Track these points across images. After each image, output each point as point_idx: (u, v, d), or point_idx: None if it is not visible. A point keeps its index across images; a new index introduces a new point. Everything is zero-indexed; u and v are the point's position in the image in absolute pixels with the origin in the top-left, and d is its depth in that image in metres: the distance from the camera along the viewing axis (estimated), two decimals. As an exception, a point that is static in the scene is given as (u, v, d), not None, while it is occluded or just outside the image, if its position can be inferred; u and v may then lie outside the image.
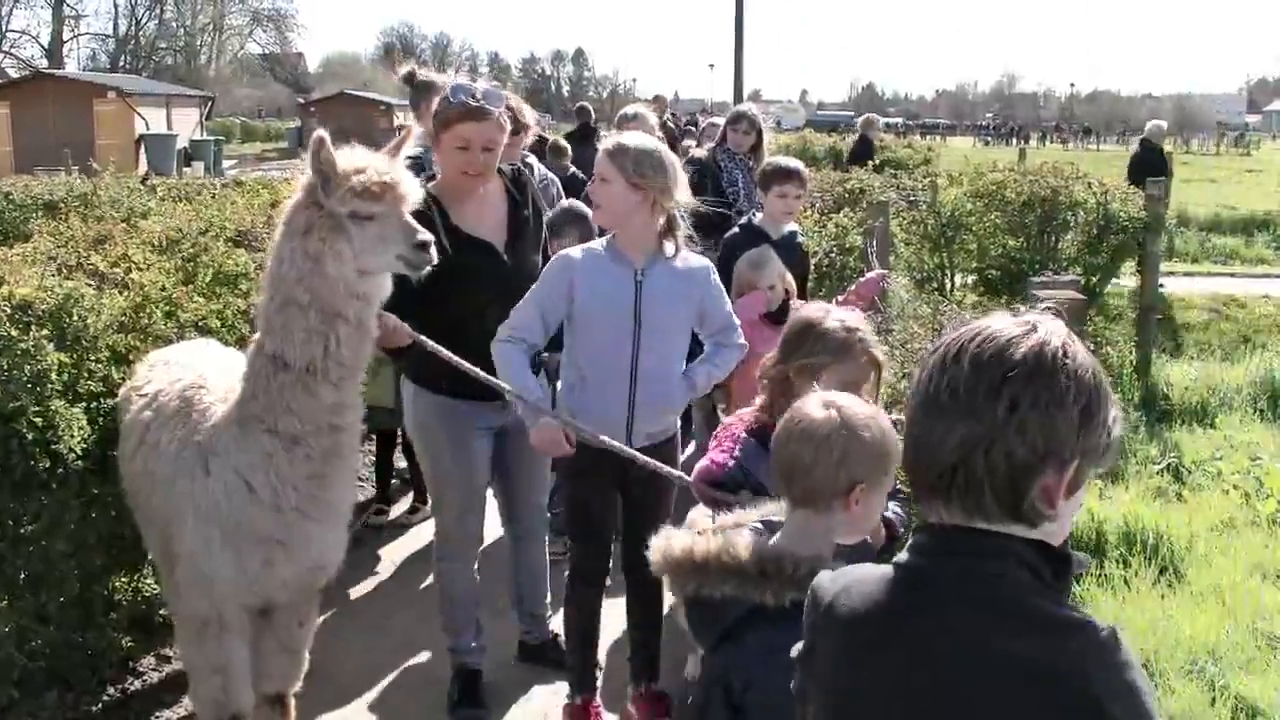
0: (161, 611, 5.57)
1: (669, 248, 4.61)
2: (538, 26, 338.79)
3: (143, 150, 39.45)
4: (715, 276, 4.79)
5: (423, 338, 4.50)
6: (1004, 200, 10.47)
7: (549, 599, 5.68)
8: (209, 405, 4.19)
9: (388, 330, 4.34)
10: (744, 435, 3.88)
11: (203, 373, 4.40)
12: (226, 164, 41.86)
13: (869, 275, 6.67)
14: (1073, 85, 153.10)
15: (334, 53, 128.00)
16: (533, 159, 6.34)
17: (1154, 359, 11.35)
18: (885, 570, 1.89)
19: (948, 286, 10.80)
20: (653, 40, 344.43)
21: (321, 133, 3.92)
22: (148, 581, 5.40)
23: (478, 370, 4.54)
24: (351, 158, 3.98)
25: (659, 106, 16.88)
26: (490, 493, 5.40)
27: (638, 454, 4.42)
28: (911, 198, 10.76)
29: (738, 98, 28.26)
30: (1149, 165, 16.22)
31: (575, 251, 4.65)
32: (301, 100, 69.54)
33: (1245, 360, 11.57)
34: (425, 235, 4.01)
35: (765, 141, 8.46)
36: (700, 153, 8.90)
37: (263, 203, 8.49)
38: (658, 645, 5.00)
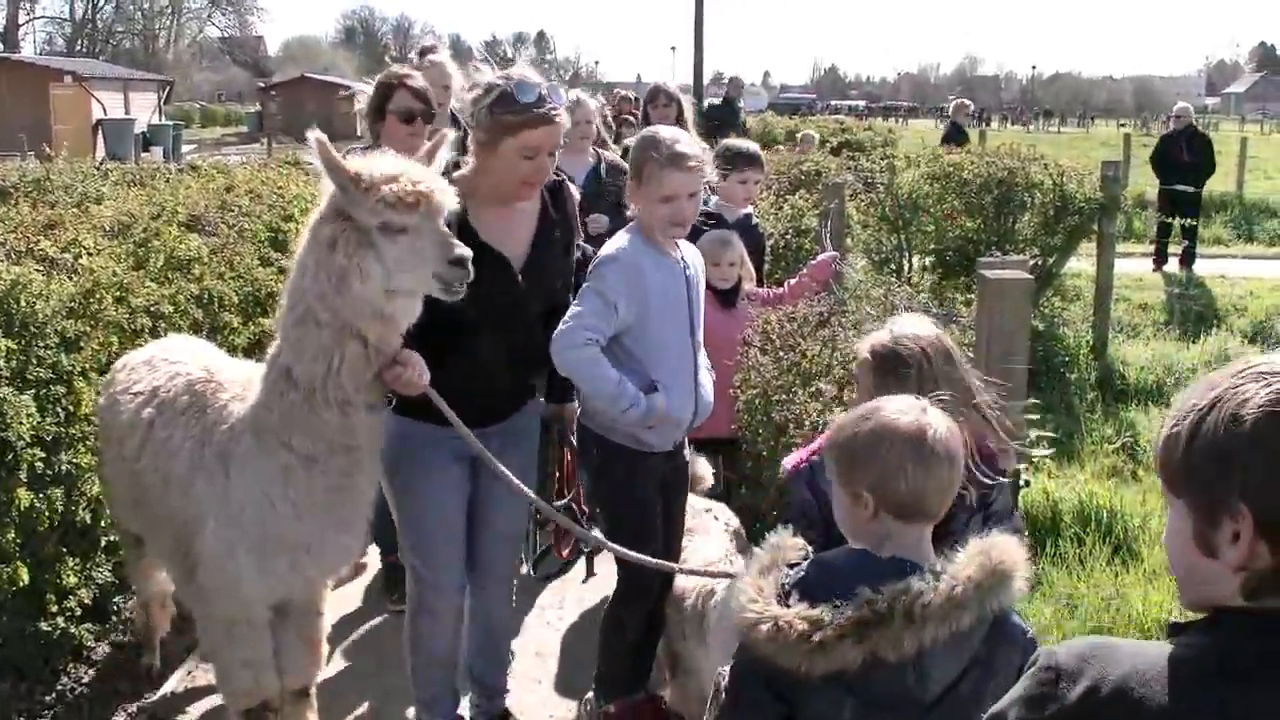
0: (116, 600, 5.54)
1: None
2: (499, 8, 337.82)
3: (100, 135, 39.11)
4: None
5: (434, 393, 3.90)
6: (961, 181, 10.50)
7: (509, 666, 4.93)
8: (225, 402, 4.01)
9: (411, 372, 3.80)
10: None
11: (208, 366, 4.24)
12: (186, 149, 41.55)
13: (821, 257, 6.69)
14: (1034, 68, 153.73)
15: (294, 36, 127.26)
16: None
17: (1110, 339, 11.41)
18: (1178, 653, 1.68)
19: (905, 268, 10.82)
20: (615, 23, 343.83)
21: (319, 134, 3.58)
22: (101, 570, 5.37)
23: (472, 437, 3.99)
24: (383, 164, 3.63)
25: (611, 99, 16.64)
26: None
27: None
28: (869, 179, 10.77)
29: (698, 80, 28.25)
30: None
31: (628, 247, 4.23)
32: (262, 84, 69.17)
33: (1201, 340, 11.67)
34: (463, 250, 3.60)
35: (688, 117, 8.29)
36: (630, 142, 8.81)
37: (217, 187, 8.45)
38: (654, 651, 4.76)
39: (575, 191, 4.67)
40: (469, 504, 4.41)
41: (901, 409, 2.59)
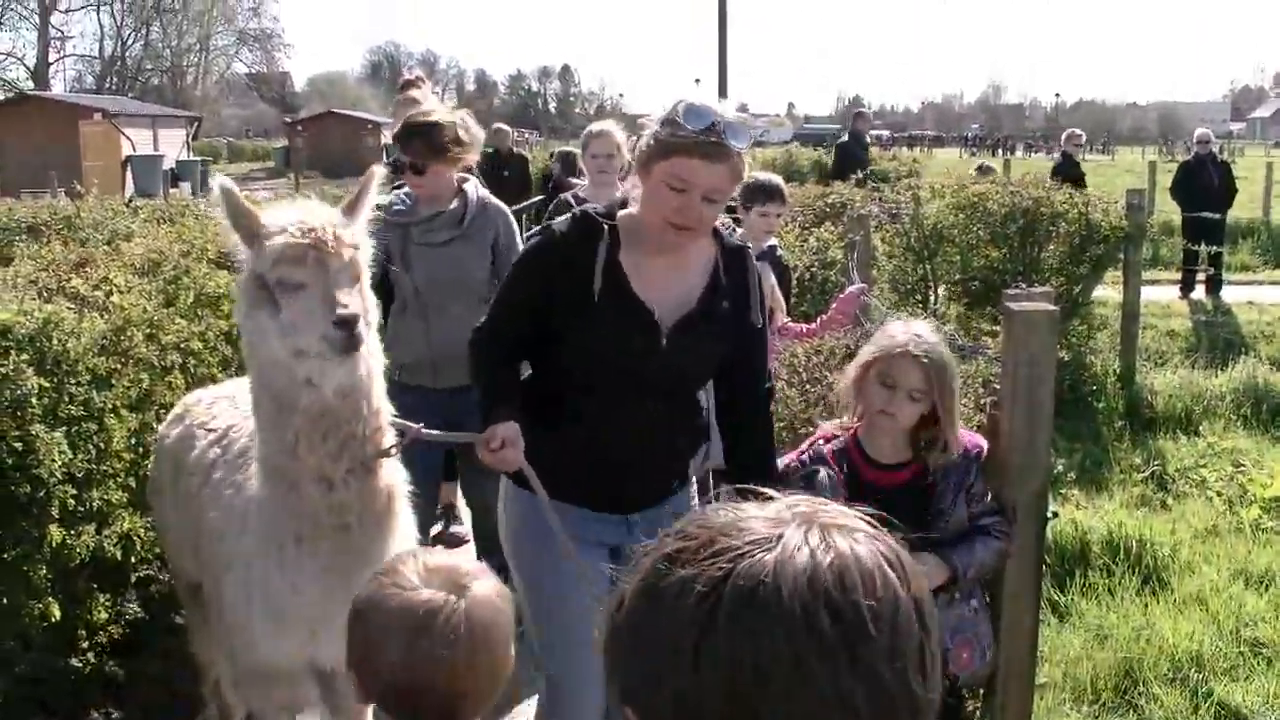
0: (147, 636, 5.57)
1: None
2: (524, 43, 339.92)
3: (129, 172, 39.46)
4: None
5: (527, 465, 3.42)
6: (986, 212, 10.51)
7: None
8: (240, 455, 3.83)
9: (506, 452, 3.36)
10: (820, 444, 3.95)
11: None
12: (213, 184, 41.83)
13: (849, 290, 6.70)
14: (1058, 95, 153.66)
15: (320, 72, 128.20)
16: (474, 182, 5.80)
17: (1138, 367, 11.38)
18: None
19: (930, 299, 10.83)
20: (639, 55, 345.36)
21: (226, 181, 3.32)
22: (131, 605, 5.40)
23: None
24: (282, 212, 3.32)
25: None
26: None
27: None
28: (894, 210, 10.79)
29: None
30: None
31: None
32: (288, 120, 69.70)
33: (1229, 367, 11.62)
34: (346, 311, 3.16)
35: None
36: None
37: (246, 224, 8.49)
38: None
39: None
40: None
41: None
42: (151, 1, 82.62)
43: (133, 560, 5.30)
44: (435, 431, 3.80)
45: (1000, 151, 70.56)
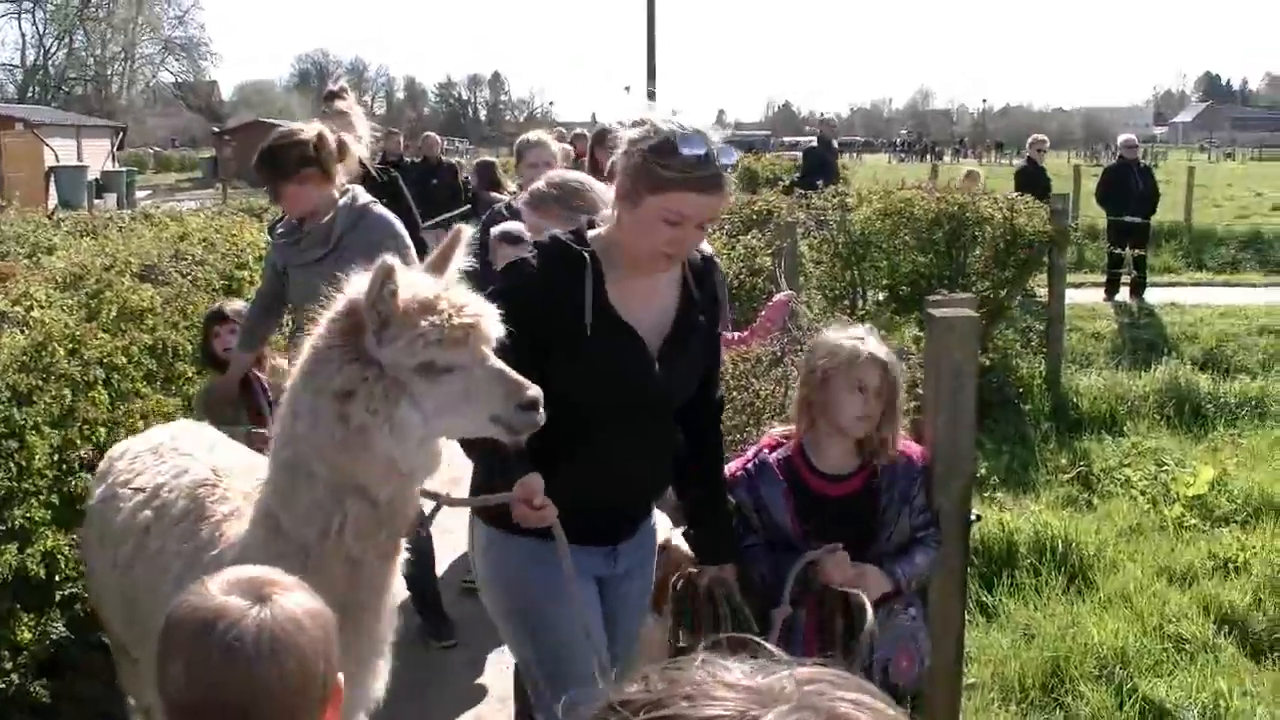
0: (73, 655, 5.49)
1: None
2: (454, 50, 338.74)
3: (52, 183, 38.86)
4: None
5: (559, 527, 3.22)
6: (912, 218, 10.63)
7: None
8: (221, 519, 3.39)
9: (542, 511, 3.15)
10: (765, 452, 3.96)
11: (217, 466, 3.64)
12: (140, 195, 41.34)
13: (777, 297, 6.74)
14: (984, 101, 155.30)
15: (248, 81, 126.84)
16: (354, 193, 5.54)
17: (1063, 370, 11.57)
18: None
19: (859, 304, 10.92)
20: (569, 63, 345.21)
21: (392, 261, 2.87)
22: (56, 625, 5.32)
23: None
24: (410, 284, 2.95)
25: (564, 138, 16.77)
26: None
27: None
28: (820, 217, 10.87)
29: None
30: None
31: None
32: (216, 129, 68.97)
33: (1153, 368, 11.82)
34: (535, 391, 2.92)
35: None
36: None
37: (171, 236, 8.43)
38: None
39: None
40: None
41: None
42: (75, 9, 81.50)
43: (57, 579, 5.22)
44: (466, 497, 3.50)
45: (928, 157, 71.13)
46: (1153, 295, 17.03)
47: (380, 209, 5.56)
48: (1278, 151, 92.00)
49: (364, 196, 5.53)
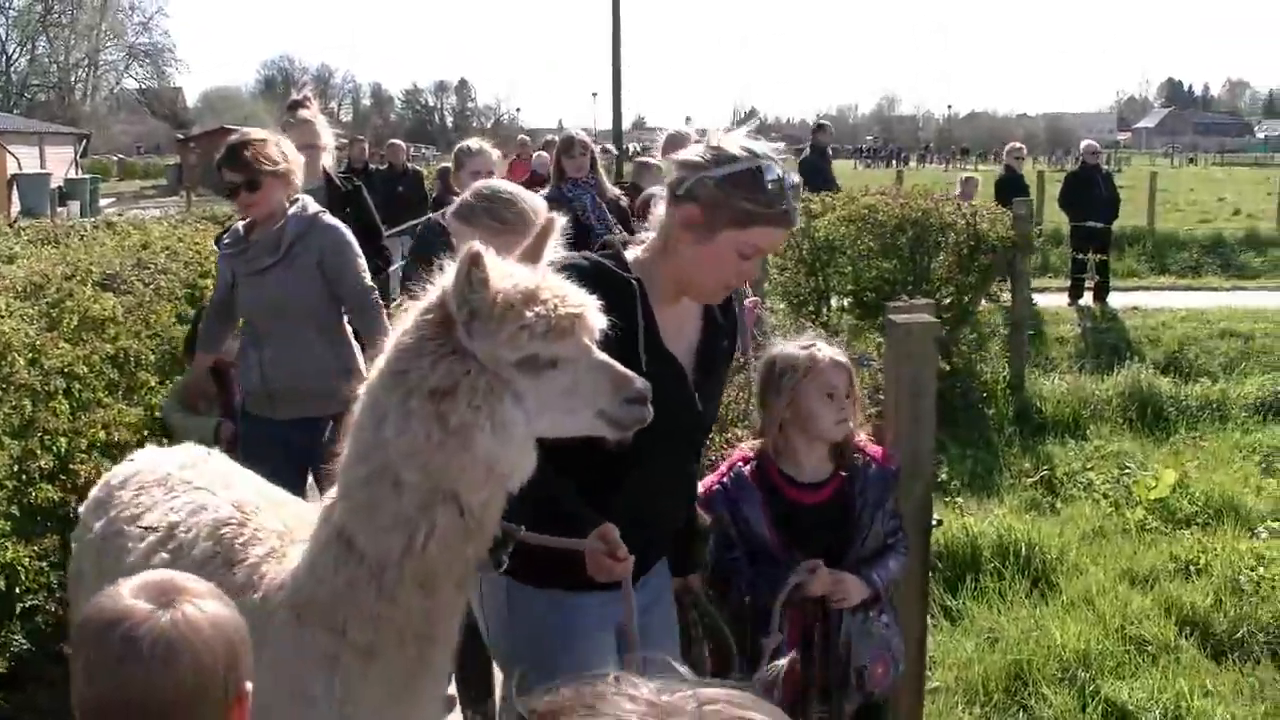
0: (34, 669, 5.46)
1: None
2: (420, 56, 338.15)
3: (15, 191, 38.55)
4: None
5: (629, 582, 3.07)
6: (876, 224, 10.68)
7: None
8: (258, 561, 3.07)
9: (621, 564, 3.02)
10: (739, 465, 3.97)
11: (241, 502, 3.27)
12: (104, 203, 41.09)
13: (743, 303, 6.77)
14: (950, 107, 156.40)
15: (213, 87, 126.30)
16: (304, 202, 5.48)
17: (1027, 374, 11.65)
18: None
19: (823, 310, 10.97)
20: (536, 69, 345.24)
21: (478, 247, 2.62)
22: (16, 637, 5.28)
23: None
24: (507, 273, 2.70)
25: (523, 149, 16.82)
26: None
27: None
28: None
29: (617, 126, 28.45)
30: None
31: None
32: (181, 136, 68.46)
33: (1115, 372, 11.91)
34: (643, 384, 2.72)
35: (598, 160, 8.60)
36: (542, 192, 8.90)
37: (133, 244, 8.38)
38: None
39: None
40: None
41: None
42: (38, 15, 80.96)
43: (18, 590, 5.19)
44: (540, 535, 3.09)
45: (894, 162, 71.44)
46: (1116, 299, 17.18)
47: (329, 218, 5.52)
48: (1239, 156, 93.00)
49: (313, 205, 5.49)
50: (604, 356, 2.71)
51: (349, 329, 5.50)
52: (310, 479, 5.45)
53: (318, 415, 5.22)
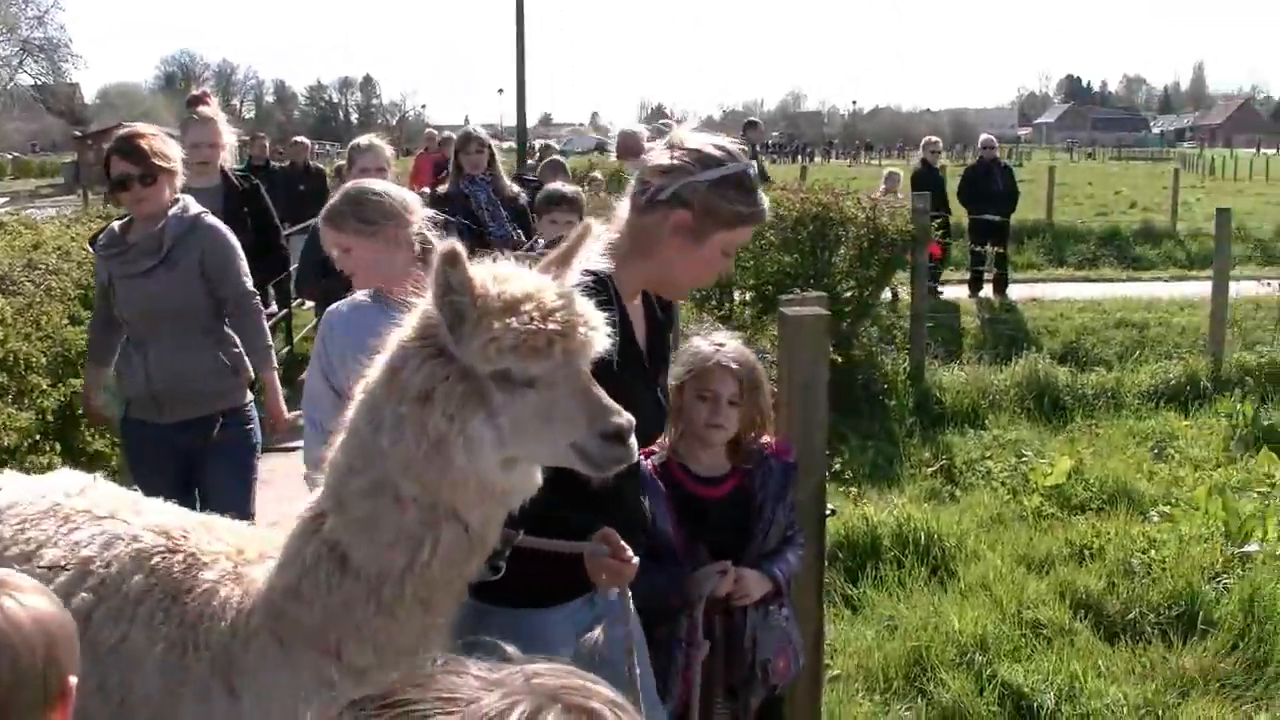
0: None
1: None
2: (325, 53, 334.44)
3: (-96, 190, 37.56)
4: None
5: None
6: (777, 218, 10.75)
7: None
8: (210, 586, 2.81)
9: (629, 566, 3.02)
10: (642, 460, 3.97)
11: (162, 526, 2.97)
12: (-2, 202, 40.14)
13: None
14: (854, 102, 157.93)
15: (112, 84, 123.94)
16: (185, 203, 5.28)
17: (927, 365, 11.82)
18: None
19: (725, 305, 11.03)
20: (442, 66, 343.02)
21: (456, 245, 2.45)
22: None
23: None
24: (498, 274, 2.53)
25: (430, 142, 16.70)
26: None
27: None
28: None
29: (521, 122, 28.34)
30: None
31: (342, 307, 4.22)
32: (78, 133, 67.12)
33: (1013, 362, 12.10)
34: (622, 419, 2.50)
35: (496, 157, 8.60)
36: (441, 188, 8.86)
37: (24, 244, 8.20)
38: None
39: None
40: None
41: None
42: (-73, 11, 78.87)
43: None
44: (539, 539, 2.94)
45: (799, 158, 71.97)
46: (1016, 291, 17.49)
47: (211, 219, 5.35)
48: (1136, 151, 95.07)
49: (195, 206, 5.33)
50: (587, 384, 2.52)
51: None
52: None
53: (207, 414, 5.18)
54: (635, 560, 2.99)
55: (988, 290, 17.52)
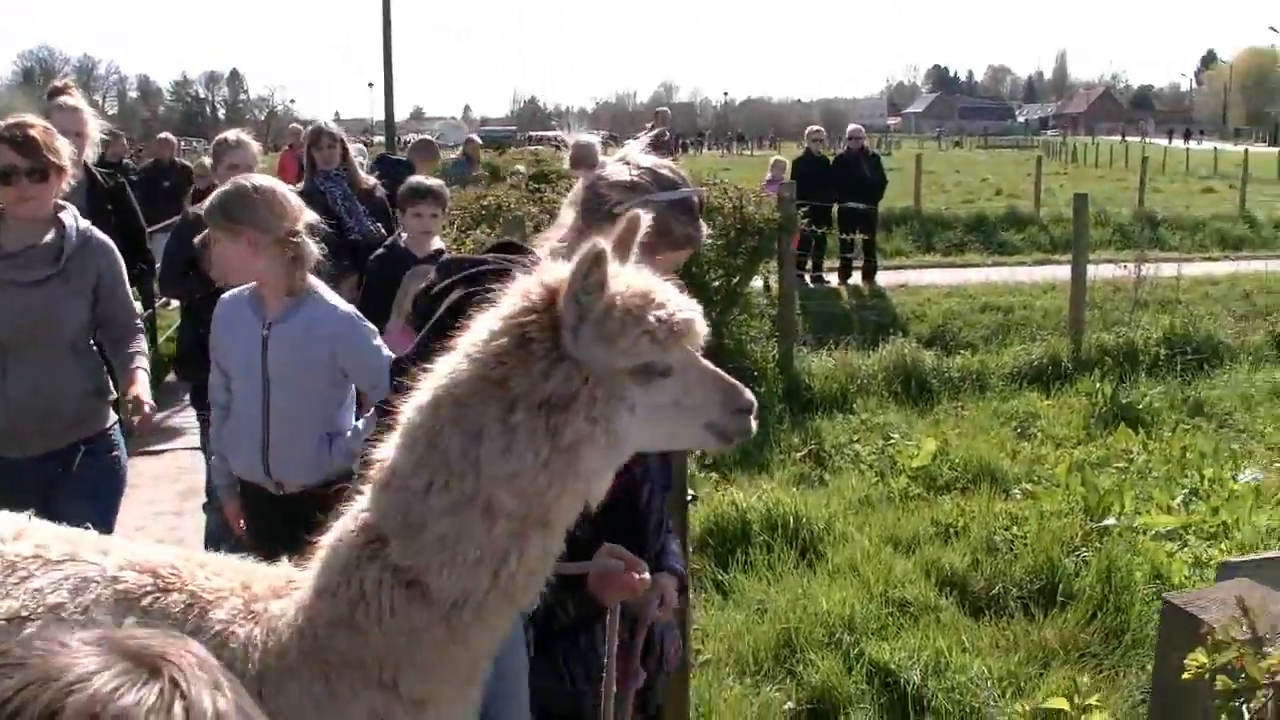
0: None
1: (305, 288, 4.42)
2: (189, 47, 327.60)
3: None
4: (359, 328, 4.52)
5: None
6: (647, 207, 10.77)
7: None
8: (224, 627, 2.50)
9: (636, 567, 3.03)
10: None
11: (151, 564, 2.63)
12: None
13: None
14: (726, 94, 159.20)
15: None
16: (72, 210, 4.86)
17: (795, 352, 11.94)
18: None
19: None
20: (310, 60, 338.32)
21: (602, 245, 2.34)
22: None
23: None
24: (614, 273, 2.43)
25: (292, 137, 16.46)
26: None
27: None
28: (555, 210, 10.91)
29: (389, 117, 28.10)
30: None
31: (227, 296, 4.50)
32: (-70, 134, 64.86)
33: (881, 347, 12.29)
34: (749, 395, 2.54)
35: (351, 151, 8.49)
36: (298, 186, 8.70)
37: None
38: None
39: None
40: None
41: None
42: None
43: None
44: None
45: (673, 150, 72.27)
46: (884, 278, 17.77)
47: (101, 235, 4.89)
48: (1002, 139, 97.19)
49: (81, 217, 4.87)
50: (711, 365, 2.54)
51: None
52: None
53: (73, 442, 4.73)
54: (647, 575, 2.99)
55: (856, 277, 17.78)
